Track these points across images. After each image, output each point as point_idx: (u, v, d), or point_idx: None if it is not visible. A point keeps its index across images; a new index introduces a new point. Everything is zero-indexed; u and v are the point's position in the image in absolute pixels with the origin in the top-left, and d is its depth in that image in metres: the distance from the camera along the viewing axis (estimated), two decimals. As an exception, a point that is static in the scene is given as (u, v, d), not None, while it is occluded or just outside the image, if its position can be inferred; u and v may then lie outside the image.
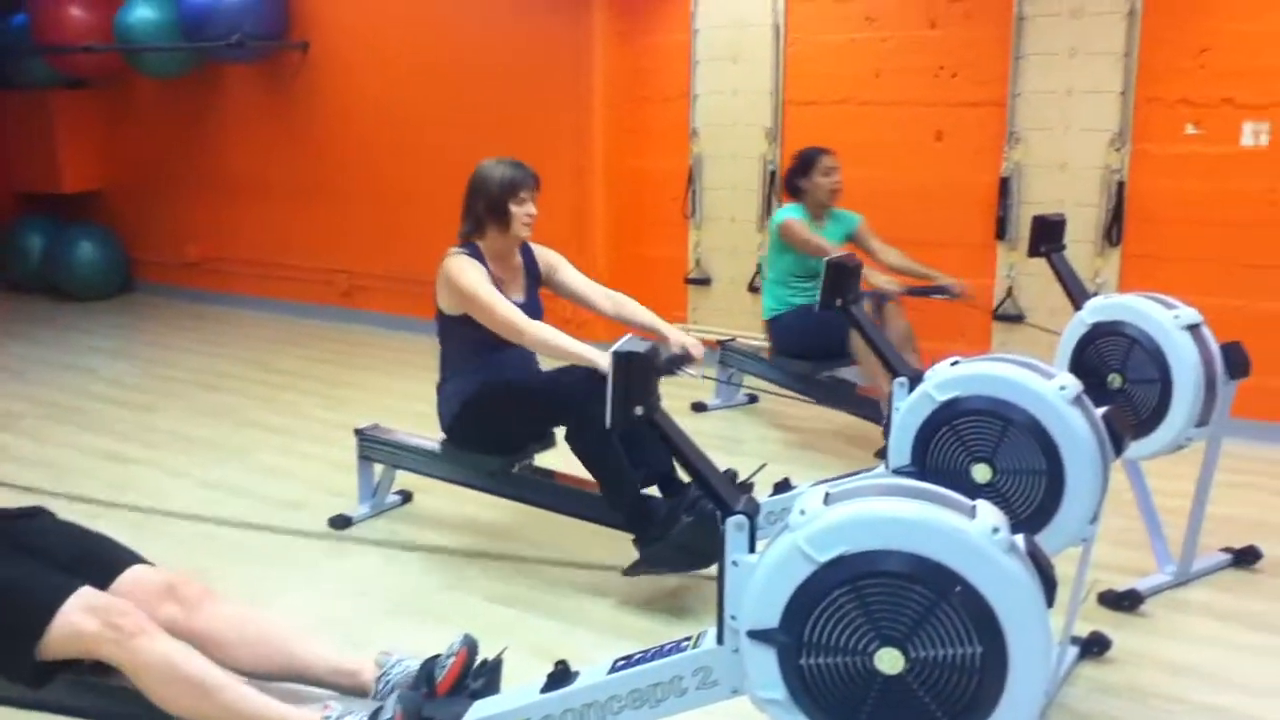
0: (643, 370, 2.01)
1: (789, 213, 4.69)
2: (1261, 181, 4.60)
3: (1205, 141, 4.70)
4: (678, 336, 3.37)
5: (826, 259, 3.14)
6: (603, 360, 3.14)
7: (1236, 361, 3.21)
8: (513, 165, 3.41)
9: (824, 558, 1.75)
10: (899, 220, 5.02)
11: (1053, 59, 4.97)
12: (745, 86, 5.73)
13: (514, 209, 3.36)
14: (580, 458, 3.20)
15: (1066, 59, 4.93)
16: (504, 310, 3.25)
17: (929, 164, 5.29)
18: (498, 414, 3.38)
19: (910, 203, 5.25)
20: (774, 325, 4.79)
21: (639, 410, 2.01)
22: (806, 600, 1.76)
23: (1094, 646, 2.84)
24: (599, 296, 3.57)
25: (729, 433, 4.87)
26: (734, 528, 1.92)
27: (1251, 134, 4.62)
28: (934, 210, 5.25)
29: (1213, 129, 4.68)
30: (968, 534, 1.71)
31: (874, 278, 4.48)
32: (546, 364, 3.43)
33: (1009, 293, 5.17)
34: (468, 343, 3.38)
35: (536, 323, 3.28)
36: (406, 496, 3.93)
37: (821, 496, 1.85)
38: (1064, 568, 2.48)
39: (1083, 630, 2.86)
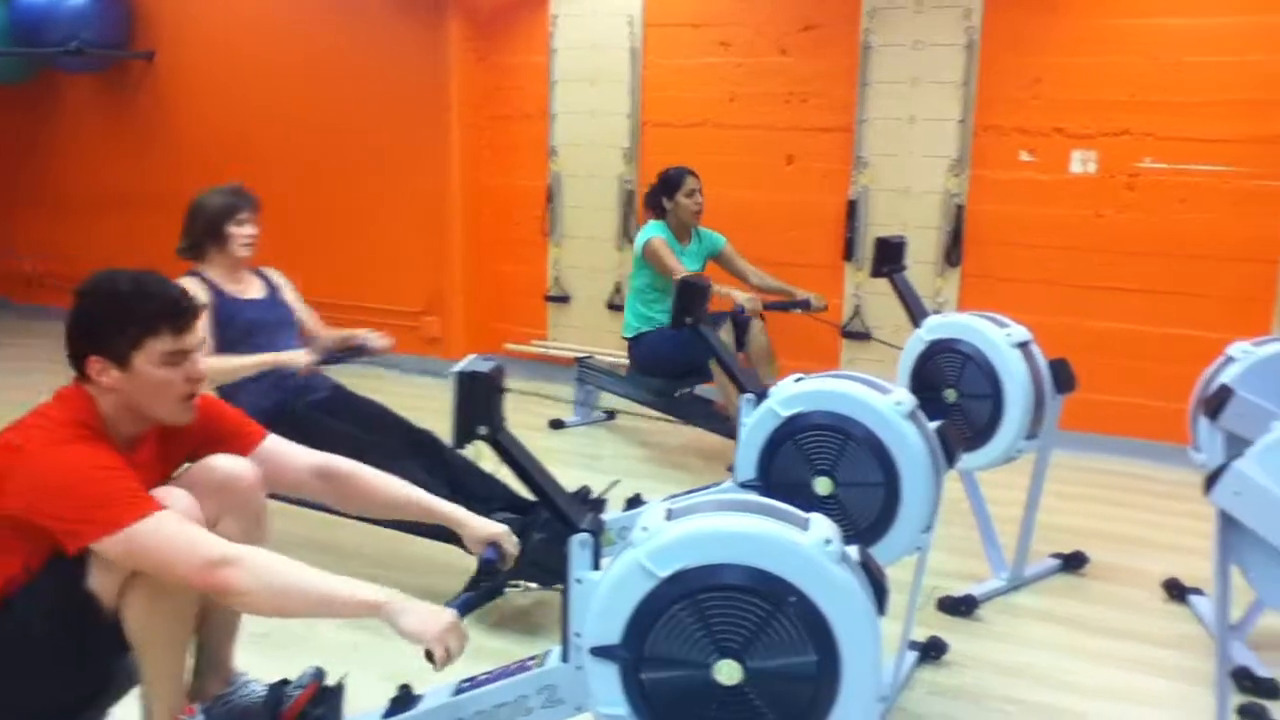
0: (486, 389, 2.02)
1: (653, 231, 4.74)
2: (1089, 207, 4.87)
3: (1038, 168, 4.95)
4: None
5: (677, 278, 3.20)
6: (285, 357, 3.37)
7: (1063, 377, 3.39)
8: (232, 191, 3.56)
9: (664, 573, 1.78)
10: (752, 240, 5.14)
11: (897, 87, 5.16)
12: (603, 107, 5.78)
13: (232, 229, 3.48)
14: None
15: (909, 87, 5.14)
16: None
17: (781, 186, 5.44)
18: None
19: (763, 223, 5.38)
20: (635, 343, 4.83)
21: (482, 430, 2.00)
22: (647, 615, 1.79)
23: (932, 651, 2.96)
24: (314, 326, 3.74)
25: (587, 449, 4.89)
26: (577, 545, 1.93)
27: (1080, 161, 4.89)
28: (785, 231, 5.40)
29: (1045, 157, 4.94)
30: (801, 546, 1.76)
31: (735, 295, 4.58)
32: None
33: (856, 311, 5.34)
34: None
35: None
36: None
37: (664, 513, 1.88)
38: (904, 575, 2.60)
39: (922, 635, 2.97)
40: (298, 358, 3.42)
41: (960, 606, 3.26)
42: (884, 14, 5.12)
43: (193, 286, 3.24)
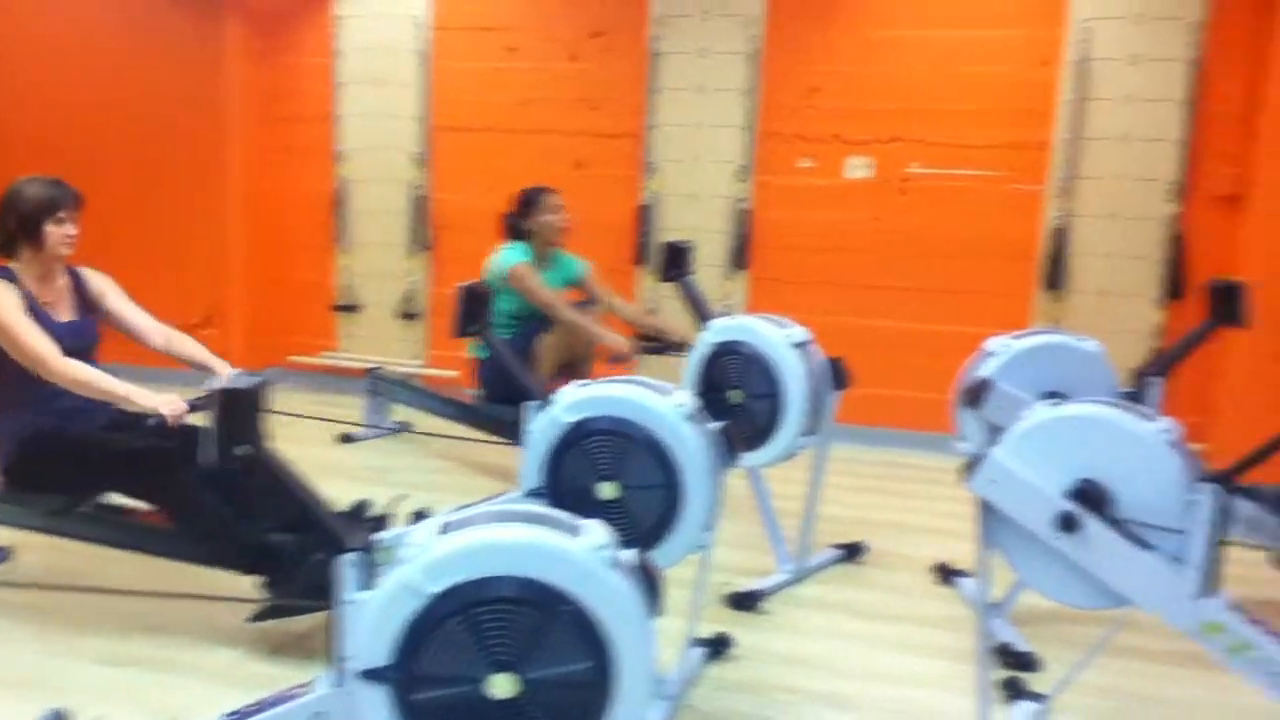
0: (247, 407, 1.93)
1: (516, 256, 4.44)
2: (866, 211, 5.10)
3: (817, 174, 5.16)
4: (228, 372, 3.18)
5: (460, 285, 3.13)
6: (150, 400, 2.87)
7: (839, 374, 3.54)
8: (51, 183, 3.15)
9: (436, 589, 1.75)
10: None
11: (684, 94, 5.27)
12: (392, 111, 5.67)
13: (50, 228, 3.09)
14: (177, 511, 2.99)
15: (696, 95, 5.25)
16: (31, 341, 2.94)
17: (572, 192, 5.40)
18: (58, 468, 3.10)
19: (556, 229, 5.38)
20: (485, 367, 4.50)
21: (243, 448, 1.92)
22: (418, 634, 1.75)
23: (718, 646, 3.02)
24: (149, 329, 3.29)
25: (378, 463, 4.77)
26: (346, 565, 1.87)
27: (857, 167, 5.12)
28: (577, 237, 5.38)
29: (824, 162, 5.15)
30: (572, 553, 1.77)
31: (606, 337, 4.33)
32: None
33: (649, 314, 5.41)
34: (11, 375, 3.07)
35: (68, 360, 2.96)
36: (4, 554, 3.53)
37: (437, 527, 1.85)
38: (692, 573, 2.65)
39: (712, 632, 3.03)
40: (173, 409, 3.05)
41: (747, 601, 3.35)
42: (671, 22, 5.22)
43: (2, 291, 2.97)
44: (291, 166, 5.87)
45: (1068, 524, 2.44)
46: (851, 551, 3.80)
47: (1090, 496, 2.44)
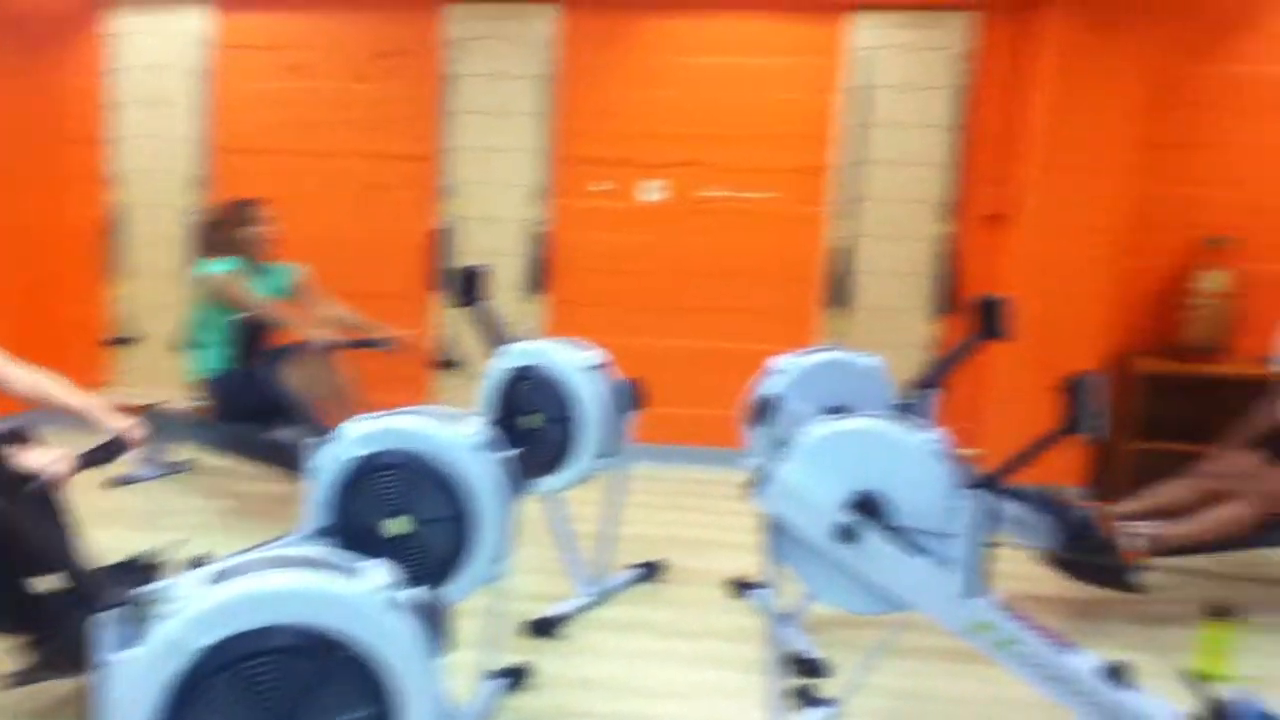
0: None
1: (221, 267, 4.35)
2: (660, 233, 5.20)
3: (611, 197, 5.22)
4: (114, 421, 2.98)
5: (253, 313, 3.01)
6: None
7: (635, 396, 3.58)
8: None
9: (202, 644, 1.67)
10: (335, 272, 4.98)
11: (480, 117, 5.25)
12: (170, 133, 5.41)
13: None
14: None
15: (492, 118, 5.24)
16: None
17: (365, 216, 5.34)
18: None
19: (346, 254, 5.26)
20: (215, 386, 4.44)
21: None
22: (185, 694, 1.66)
23: (518, 676, 3.00)
24: (10, 372, 2.92)
25: (160, 506, 4.52)
26: (103, 623, 1.76)
27: (651, 190, 5.21)
28: (370, 261, 5.31)
29: (619, 186, 5.21)
30: (348, 597, 1.72)
31: (305, 330, 4.30)
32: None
33: (448, 341, 5.35)
34: None
35: None
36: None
37: (208, 576, 1.76)
38: (491, 603, 2.62)
39: (513, 661, 3.01)
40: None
41: (547, 627, 3.34)
42: (464, 44, 5.19)
43: None
44: (59, 193, 5.51)
45: (847, 535, 2.55)
46: (650, 570, 3.86)
47: (867, 507, 2.56)
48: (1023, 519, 3.65)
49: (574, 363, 3.44)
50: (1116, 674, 2.50)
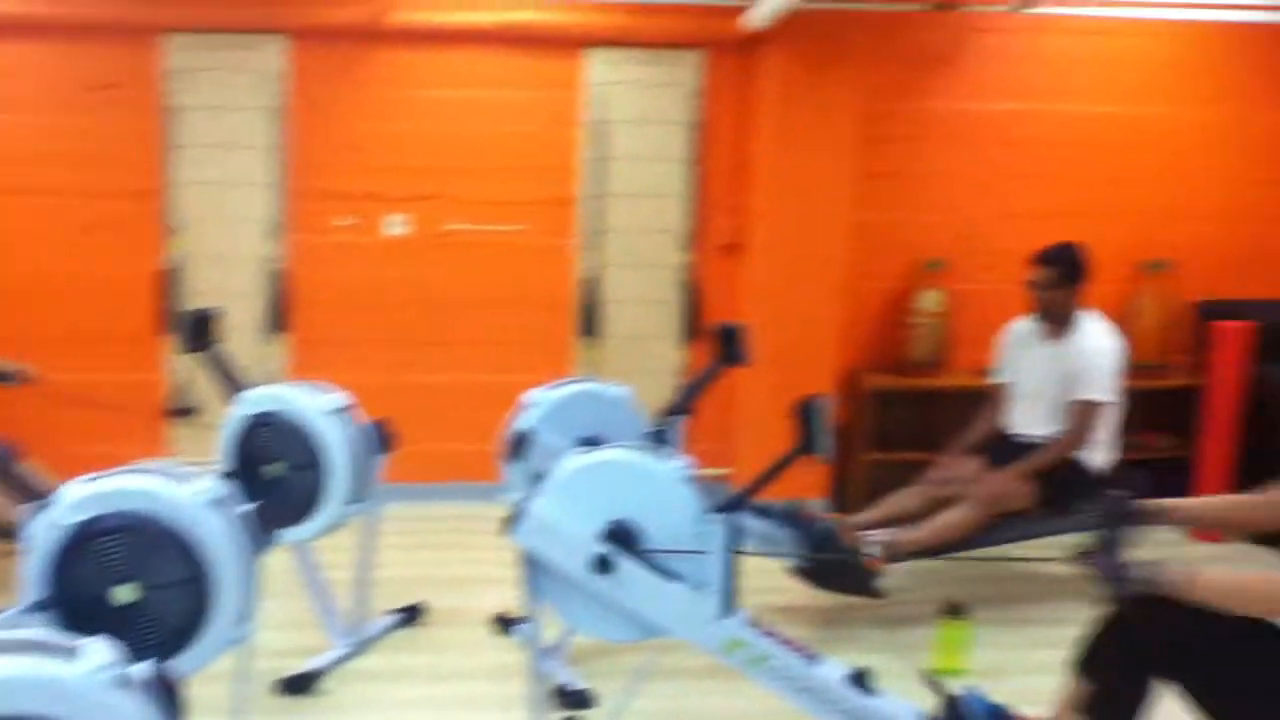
0: None
1: None
2: (407, 267, 5.10)
3: (356, 232, 5.08)
4: None
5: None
6: None
7: (384, 437, 3.49)
8: None
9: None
10: (54, 315, 4.64)
11: (207, 150, 4.99)
12: None
13: None
14: None
15: (221, 151, 4.99)
16: None
17: (84, 255, 4.96)
18: None
19: (66, 296, 4.89)
20: None
21: None
22: None
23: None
24: None
25: None
26: None
27: (395, 224, 5.10)
28: (94, 304, 4.94)
29: (362, 220, 5.08)
30: (66, 681, 1.58)
31: None
32: None
33: (181, 388, 5.04)
34: None
35: None
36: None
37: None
38: (240, 665, 2.47)
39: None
40: None
41: (301, 684, 3.19)
42: (187, 75, 4.92)
43: None
44: None
45: (602, 565, 2.57)
46: (410, 614, 3.76)
47: (620, 537, 2.59)
48: (770, 535, 3.80)
49: (316, 406, 3.31)
50: (860, 680, 2.63)
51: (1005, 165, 5.21)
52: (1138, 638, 2.46)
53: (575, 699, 3.18)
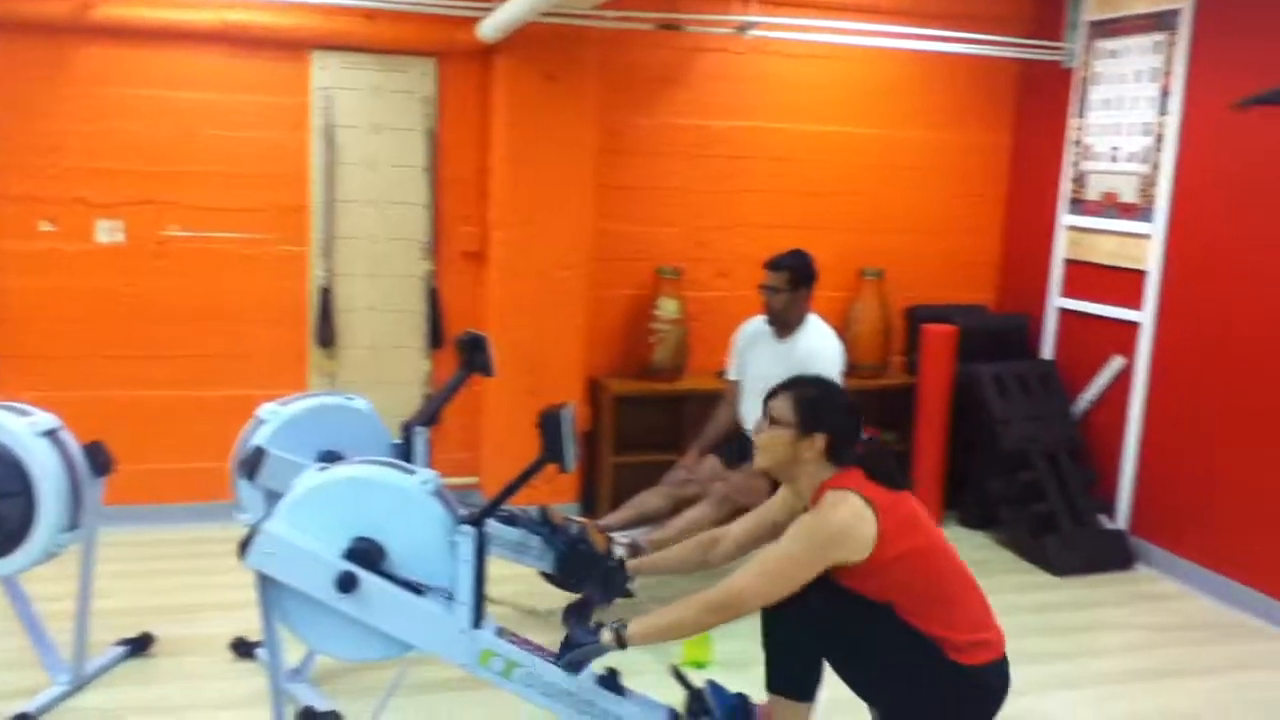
0: None
1: None
2: (121, 277, 4.76)
3: (62, 239, 4.69)
4: None
5: None
6: None
7: (99, 459, 3.24)
8: None
9: None
10: None
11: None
12: None
13: None
14: None
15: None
16: None
17: None
18: None
19: None
20: None
21: None
22: None
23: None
24: None
25: None
26: None
27: (106, 231, 4.75)
28: None
29: (68, 227, 4.69)
30: None
31: None
32: None
33: None
34: None
35: None
36: None
37: None
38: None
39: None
40: None
41: (13, 730, 2.93)
42: None
43: None
44: None
45: (346, 584, 2.51)
46: (139, 644, 3.52)
47: (364, 554, 2.54)
48: (521, 542, 3.81)
49: (21, 430, 3.05)
50: (611, 681, 2.70)
51: (734, 179, 5.45)
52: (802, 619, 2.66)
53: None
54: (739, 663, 3.29)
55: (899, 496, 2.58)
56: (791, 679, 2.66)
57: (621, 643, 2.61)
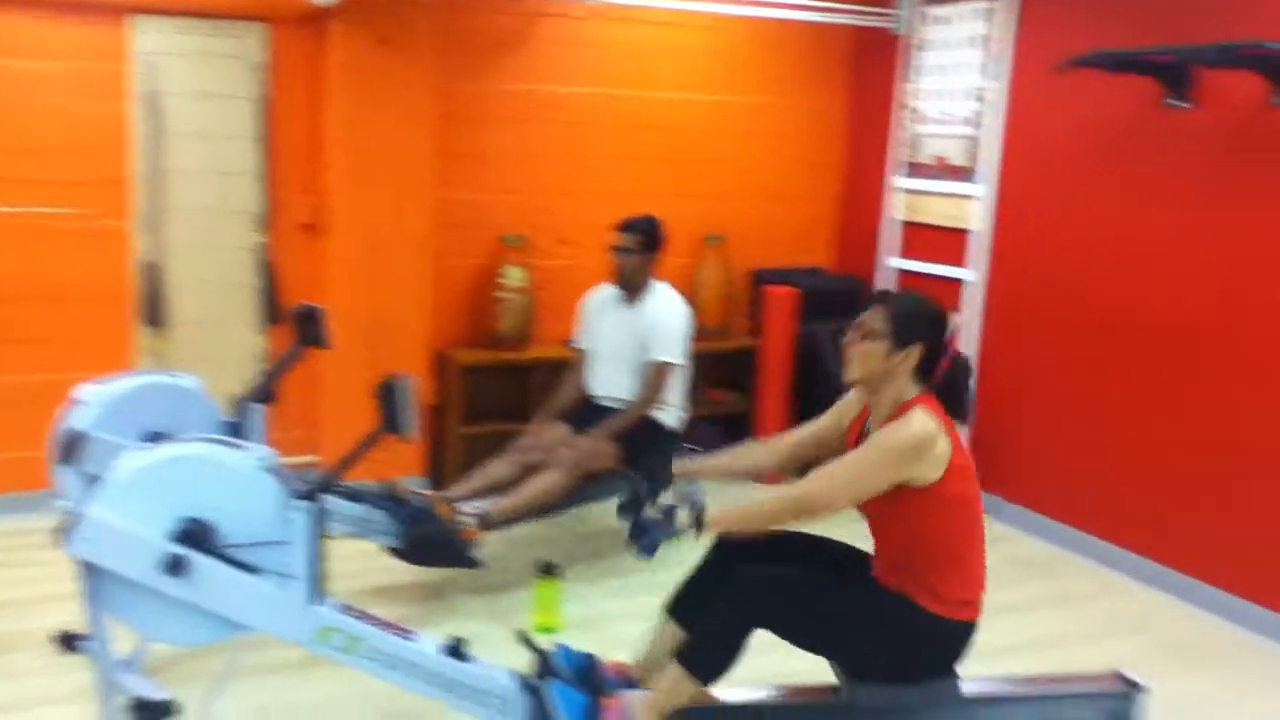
0: None
1: None
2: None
3: None
4: None
5: None
6: None
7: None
8: None
9: None
10: None
11: None
12: None
13: None
14: None
15: None
16: None
17: None
18: None
19: None
20: None
21: None
22: None
23: None
24: None
25: None
26: None
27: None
28: None
29: None
30: None
31: None
32: None
33: None
34: None
35: None
36: None
37: None
38: None
39: None
40: None
41: None
42: None
43: None
44: None
45: (175, 567, 2.41)
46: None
47: (193, 535, 2.44)
48: (365, 518, 3.75)
49: None
50: (456, 651, 2.68)
51: (576, 146, 5.44)
52: (721, 583, 2.69)
53: (156, 710, 2.95)
54: (587, 625, 3.33)
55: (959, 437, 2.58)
56: (711, 662, 2.59)
57: (699, 525, 2.53)
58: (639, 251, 4.32)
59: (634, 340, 4.33)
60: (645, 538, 2.54)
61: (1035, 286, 4.90)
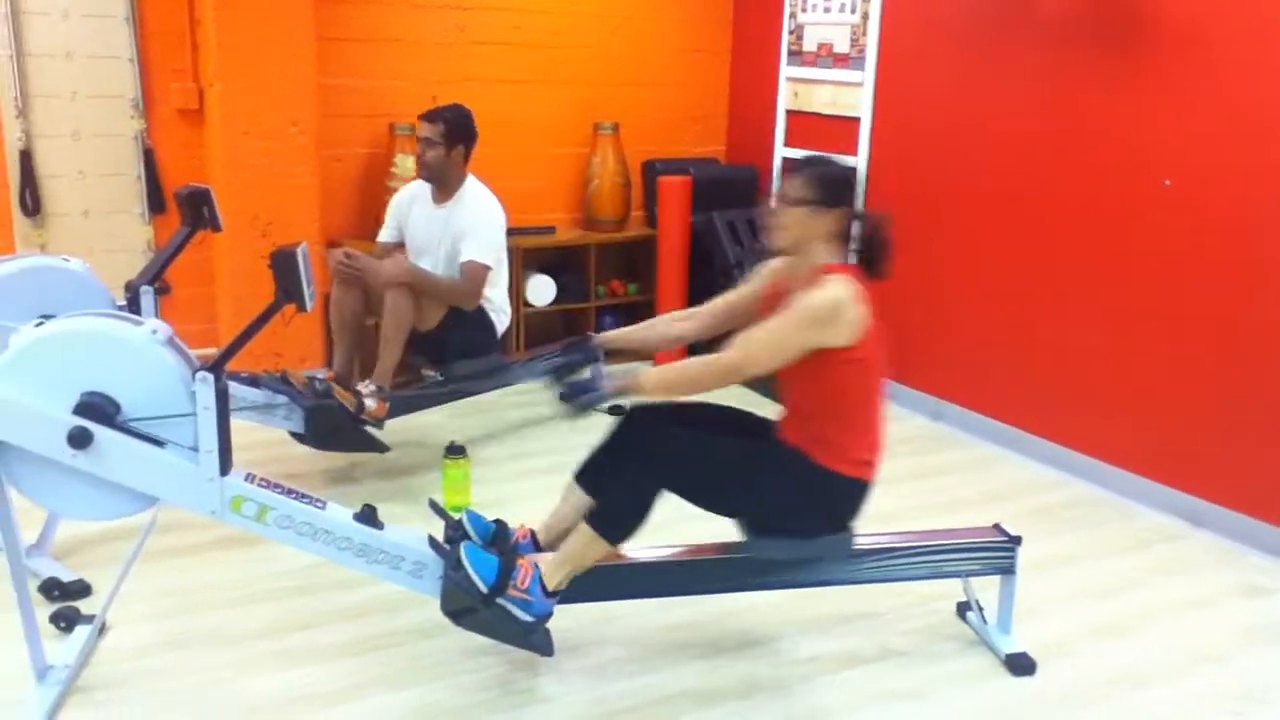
0: None
1: None
2: None
3: None
4: None
5: None
6: None
7: None
8: None
9: None
10: None
11: None
12: None
13: None
14: None
15: None
16: None
17: None
18: None
19: None
20: None
21: None
22: None
23: None
24: None
25: None
26: None
27: None
28: None
29: None
30: None
31: None
32: None
33: None
34: None
35: None
36: None
37: None
38: None
39: None
40: None
41: None
42: None
43: None
44: None
45: (79, 440, 2.39)
46: None
47: (95, 409, 2.42)
48: (267, 404, 3.72)
49: None
50: (368, 517, 2.71)
51: (465, 31, 5.33)
52: (632, 450, 2.77)
53: (68, 590, 2.96)
54: (495, 505, 3.39)
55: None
56: (620, 523, 2.66)
57: (629, 389, 2.63)
58: (442, 143, 4.05)
59: (446, 241, 4.14)
60: (578, 399, 2.64)
61: (919, 170, 5.00)
